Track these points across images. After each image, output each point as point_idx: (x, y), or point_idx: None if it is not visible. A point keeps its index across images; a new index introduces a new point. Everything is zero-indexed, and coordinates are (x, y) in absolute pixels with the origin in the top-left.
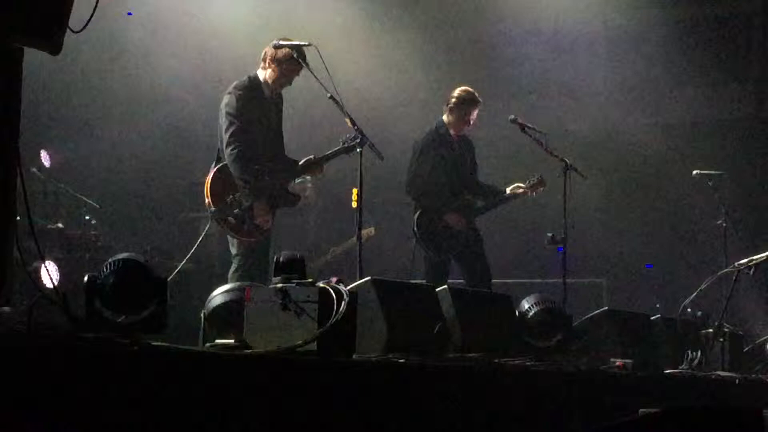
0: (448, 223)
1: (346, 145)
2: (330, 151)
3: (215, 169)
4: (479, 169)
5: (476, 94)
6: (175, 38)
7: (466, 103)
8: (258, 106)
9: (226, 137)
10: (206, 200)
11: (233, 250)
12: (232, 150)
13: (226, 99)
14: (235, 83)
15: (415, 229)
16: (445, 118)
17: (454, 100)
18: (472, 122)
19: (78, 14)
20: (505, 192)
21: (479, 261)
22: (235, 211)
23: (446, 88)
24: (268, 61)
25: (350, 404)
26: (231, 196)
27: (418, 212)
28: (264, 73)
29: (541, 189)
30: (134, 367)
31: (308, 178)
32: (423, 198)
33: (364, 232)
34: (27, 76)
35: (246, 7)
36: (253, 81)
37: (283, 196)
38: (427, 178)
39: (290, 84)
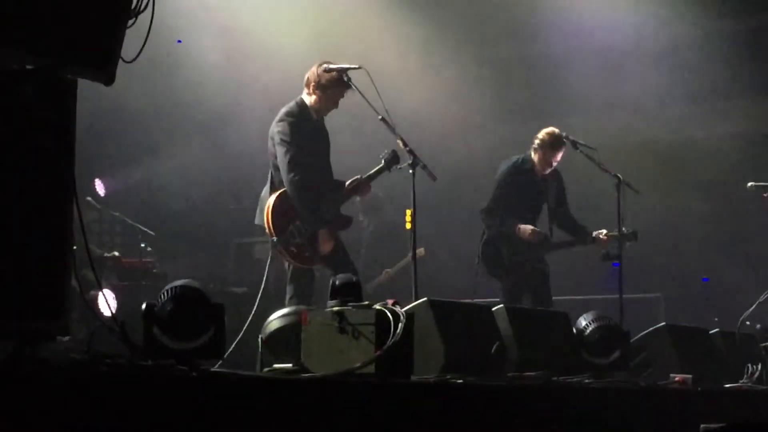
0: (522, 233)
1: (386, 159)
2: (374, 170)
3: (275, 198)
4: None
5: (561, 137)
6: (227, 64)
7: (550, 145)
8: (308, 131)
9: (285, 164)
10: (267, 230)
11: (288, 278)
12: (293, 177)
13: (279, 126)
14: (284, 110)
15: (480, 255)
16: (531, 154)
17: (538, 141)
18: (555, 164)
19: (130, 44)
20: (591, 234)
21: (538, 294)
22: (296, 240)
23: (497, 108)
24: (312, 87)
25: (409, 426)
26: (292, 225)
27: (484, 238)
28: (309, 98)
29: (632, 240)
30: (194, 394)
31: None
32: (492, 227)
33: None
34: (81, 104)
35: (300, 30)
36: (301, 106)
37: (337, 219)
38: (503, 210)
39: (336, 107)
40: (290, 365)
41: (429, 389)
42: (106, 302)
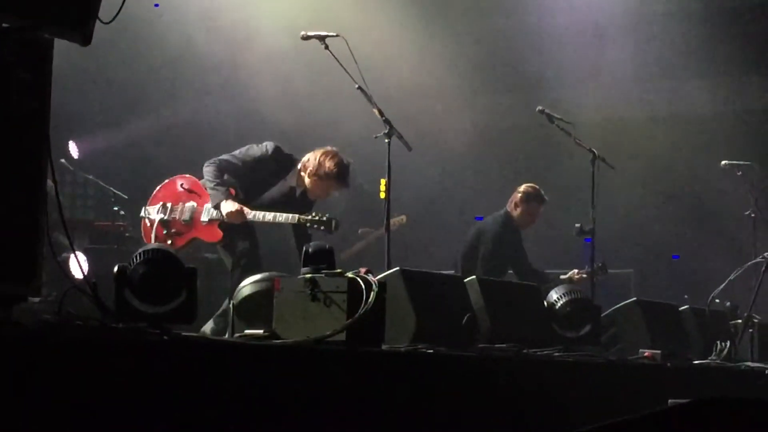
0: None
1: (309, 218)
2: (281, 216)
3: (169, 179)
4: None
5: (542, 192)
6: (204, 29)
7: (533, 199)
8: (271, 178)
9: (216, 158)
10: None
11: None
12: (210, 161)
13: (254, 147)
14: (275, 144)
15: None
16: (509, 209)
17: (520, 195)
18: (536, 220)
19: (108, 5)
20: (558, 279)
21: None
22: (159, 216)
23: (472, 81)
24: (308, 171)
25: (378, 394)
26: (161, 203)
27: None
28: (301, 174)
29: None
30: (164, 357)
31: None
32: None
33: (395, 219)
34: (56, 66)
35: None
36: (290, 163)
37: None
38: (495, 267)
39: (325, 198)
40: (261, 331)
41: (399, 358)
42: (78, 265)
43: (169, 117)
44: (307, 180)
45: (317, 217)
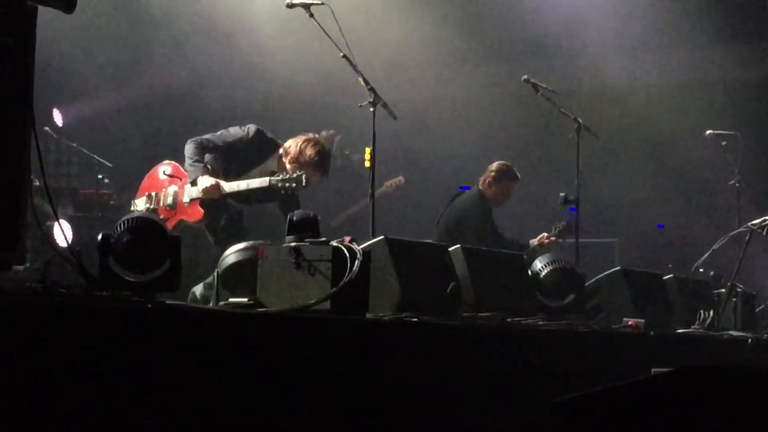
0: None
1: (279, 178)
2: (253, 181)
3: (152, 169)
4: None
5: (514, 169)
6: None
7: (506, 177)
8: (251, 160)
9: (197, 137)
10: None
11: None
12: (186, 145)
13: (235, 129)
14: (257, 127)
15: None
16: (482, 187)
17: (493, 173)
18: (509, 197)
19: None
20: (528, 246)
21: None
22: (145, 206)
23: (459, 49)
24: (290, 157)
25: (363, 363)
26: (147, 194)
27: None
28: (282, 163)
29: (569, 234)
30: (148, 326)
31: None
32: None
33: (392, 181)
34: (40, 34)
35: None
36: (271, 146)
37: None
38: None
39: (304, 185)
40: (246, 300)
41: (384, 327)
42: (62, 233)
43: (154, 85)
44: (288, 167)
45: (287, 176)
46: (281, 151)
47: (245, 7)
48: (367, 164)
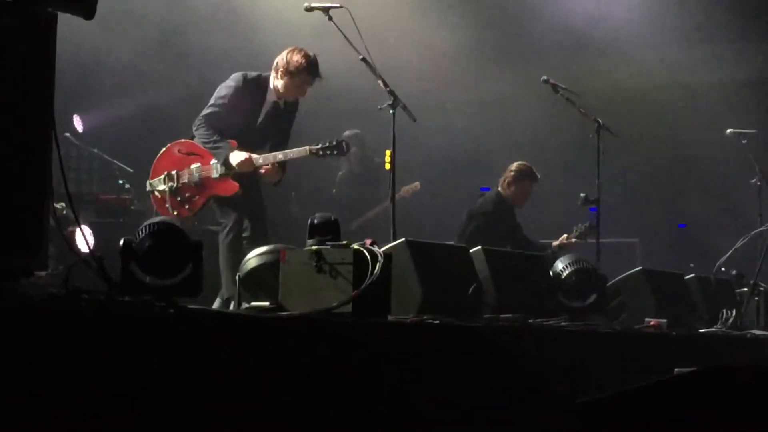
0: None
1: (318, 147)
2: (292, 151)
3: (168, 145)
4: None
5: (534, 170)
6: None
7: (525, 177)
8: (252, 105)
9: (200, 116)
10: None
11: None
12: (198, 124)
13: (224, 86)
14: (240, 73)
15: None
16: (501, 188)
17: (512, 173)
18: (529, 198)
19: None
20: (551, 246)
21: None
22: (161, 187)
23: (478, 50)
24: (280, 72)
25: (385, 365)
26: (165, 173)
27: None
28: (275, 82)
29: (591, 235)
30: (171, 330)
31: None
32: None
33: (409, 187)
34: (60, 40)
35: None
36: (261, 82)
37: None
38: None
39: (302, 95)
40: (267, 304)
41: (406, 330)
42: (84, 238)
43: (172, 90)
44: (280, 84)
45: (327, 144)
46: (272, 75)
47: (262, 9)
48: (387, 166)
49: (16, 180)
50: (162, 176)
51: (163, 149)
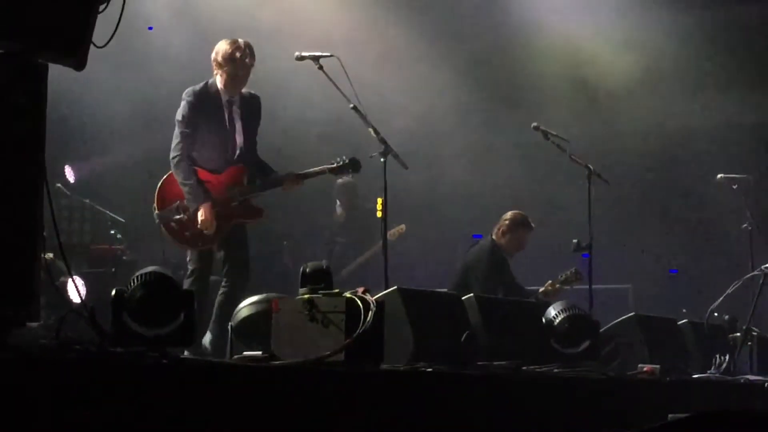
0: None
1: (335, 165)
2: (314, 169)
3: (168, 174)
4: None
5: (528, 219)
6: (196, 50)
7: (520, 226)
8: (213, 112)
9: (172, 143)
10: (153, 204)
11: (188, 257)
12: (173, 157)
13: (181, 106)
14: (188, 89)
15: None
16: (495, 236)
17: (507, 222)
18: (524, 246)
19: (101, 30)
20: (537, 294)
21: None
22: (176, 217)
23: (470, 98)
24: (215, 66)
25: (378, 414)
26: (177, 203)
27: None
28: (217, 79)
29: (578, 281)
30: (163, 380)
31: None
32: None
33: (395, 230)
34: (51, 90)
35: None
36: (210, 86)
37: (242, 208)
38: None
39: (244, 83)
40: (260, 353)
41: (399, 377)
42: (76, 289)
43: (165, 138)
44: (220, 79)
45: (342, 162)
46: (215, 79)
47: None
48: (379, 214)
49: (7, 231)
50: (173, 206)
51: (165, 177)
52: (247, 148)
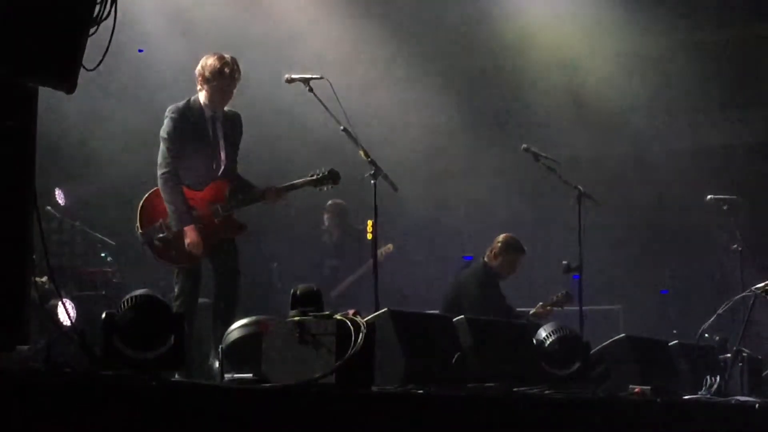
0: None
1: (315, 177)
2: (295, 182)
3: (151, 192)
4: None
5: (520, 242)
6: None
7: (512, 249)
8: (197, 128)
9: (158, 161)
10: (136, 223)
11: (174, 277)
12: (160, 175)
13: (166, 123)
14: (171, 106)
15: None
16: (487, 259)
17: (499, 245)
18: (516, 270)
19: (91, 52)
20: (528, 316)
21: None
22: (160, 235)
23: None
24: (200, 81)
25: None
26: (161, 221)
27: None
28: (201, 95)
29: (568, 303)
30: (154, 403)
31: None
32: None
33: (382, 249)
34: (41, 114)
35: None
36: (193, 103)
37: (224, 224)
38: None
39: (230, 98)
40: (250, 375)
41: (389, 400)
42: (66, 312)
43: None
44: (204, 94)
45: (320, 176)
46: (198, 88)
47: (243, 82)
48: (369, 236)
49: None
50: (157, 224)
51: (146, 195)
52: (229, 164)
